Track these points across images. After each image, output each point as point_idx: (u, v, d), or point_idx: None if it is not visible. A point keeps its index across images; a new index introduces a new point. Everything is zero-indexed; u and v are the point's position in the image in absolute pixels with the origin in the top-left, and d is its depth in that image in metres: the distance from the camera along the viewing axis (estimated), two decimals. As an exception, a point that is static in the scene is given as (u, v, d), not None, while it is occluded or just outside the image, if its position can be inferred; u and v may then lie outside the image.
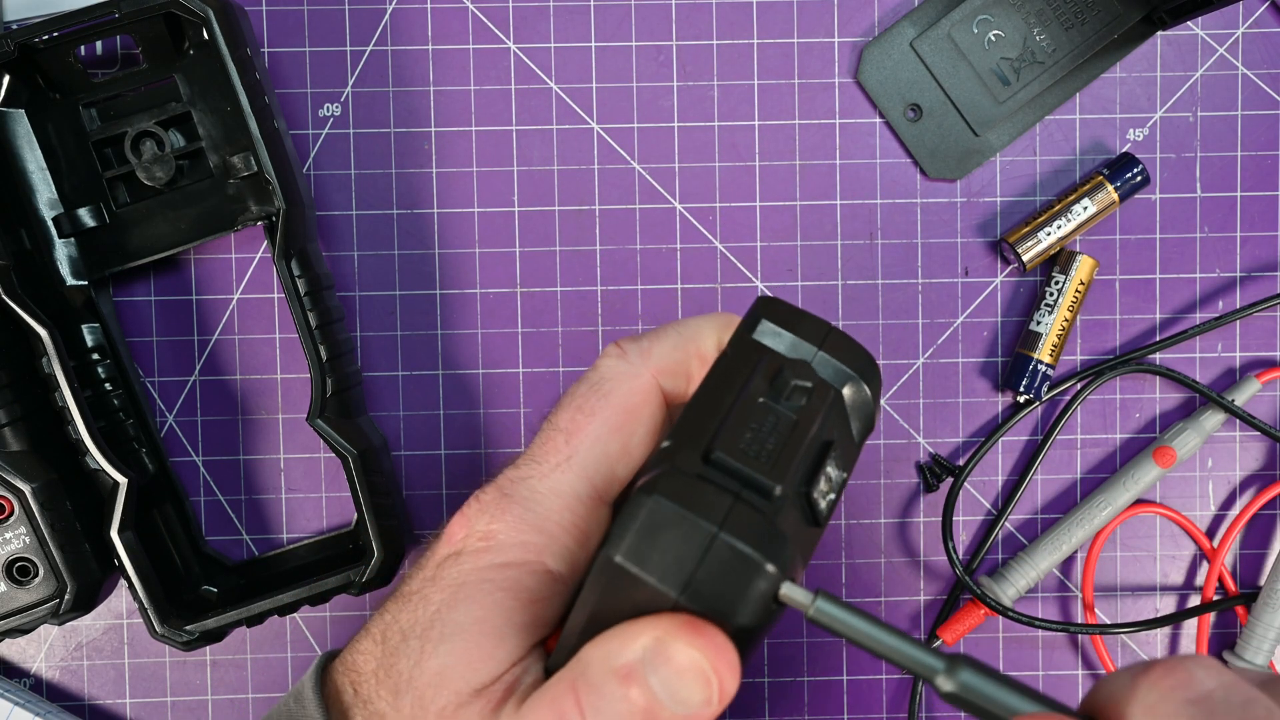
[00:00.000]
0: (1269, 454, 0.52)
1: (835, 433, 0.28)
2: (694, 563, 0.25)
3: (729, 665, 0.25)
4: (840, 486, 0.28)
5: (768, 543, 0.25)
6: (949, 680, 0.24)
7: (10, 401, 0.44)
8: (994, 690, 0.24)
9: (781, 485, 0.26)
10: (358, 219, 0.50)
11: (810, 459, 0.27)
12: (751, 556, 0.24)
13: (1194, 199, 0.51)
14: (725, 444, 0.26)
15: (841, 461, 0.28)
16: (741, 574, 0.25)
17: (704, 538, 0.25)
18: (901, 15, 0.50)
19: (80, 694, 0.50)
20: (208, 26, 0.44)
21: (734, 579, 0.25)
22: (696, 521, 0.25)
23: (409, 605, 0.32)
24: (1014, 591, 0.50)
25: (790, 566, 0.25)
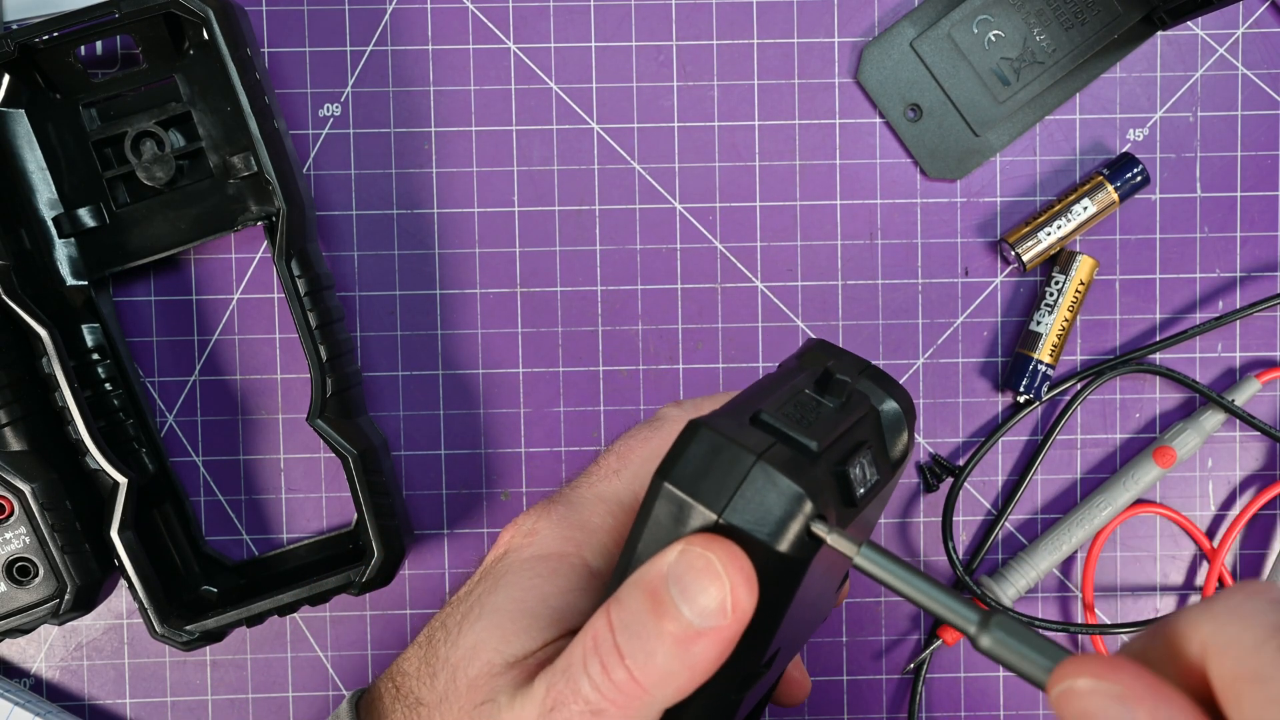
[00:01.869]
0: (1269, 454, 0.52)
1: (871, 438, 0.29)
2: (734, 487, 0.26)
3: (742, 572, 0.26)
4: (873, 486, 0.29)
5: (802, 475, 0.26)
6: (984, 635, 0.25)
7: (10, 401, 0.44)
8: (1026, 647, 0.24)
9: (817, 444, 0.27)
10: (358, 219, 0.50)
11: (847, 443, 0.28)
12: (787, 483, 0.26)
13: (1194, 199, 0.51)
14: (770, 410, 0.28)
15: (877, 465, 0.29)
16: (776, 500, 0.26)
17: (745, 464, 0.26)
18: (901, 15, 0.50)
19: (80, 694, 0.50)
20: (208, 26, 0.44)
21: (769, 504, 0.26)
22: (739, 450, 0.26)
23: (453, 604, 0.33)
24: (1014, 591, 0.50)
25: (824, 506, 0.26)
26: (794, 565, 0.26)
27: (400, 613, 0.51)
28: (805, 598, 0.29)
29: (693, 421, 0.27)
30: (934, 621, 0.51)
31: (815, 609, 0.32)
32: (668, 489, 0.27)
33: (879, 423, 0.30)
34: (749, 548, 0.26)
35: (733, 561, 0.26)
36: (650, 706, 0.27)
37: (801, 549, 0.26)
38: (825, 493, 0.27)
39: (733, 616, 0.26)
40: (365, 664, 0.51)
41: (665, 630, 0.27)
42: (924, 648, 0.51)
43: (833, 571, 0.31)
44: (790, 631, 0.30)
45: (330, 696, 0.51)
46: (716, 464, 0.27)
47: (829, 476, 0.27)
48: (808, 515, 0.26)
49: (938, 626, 0.51)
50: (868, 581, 0.51)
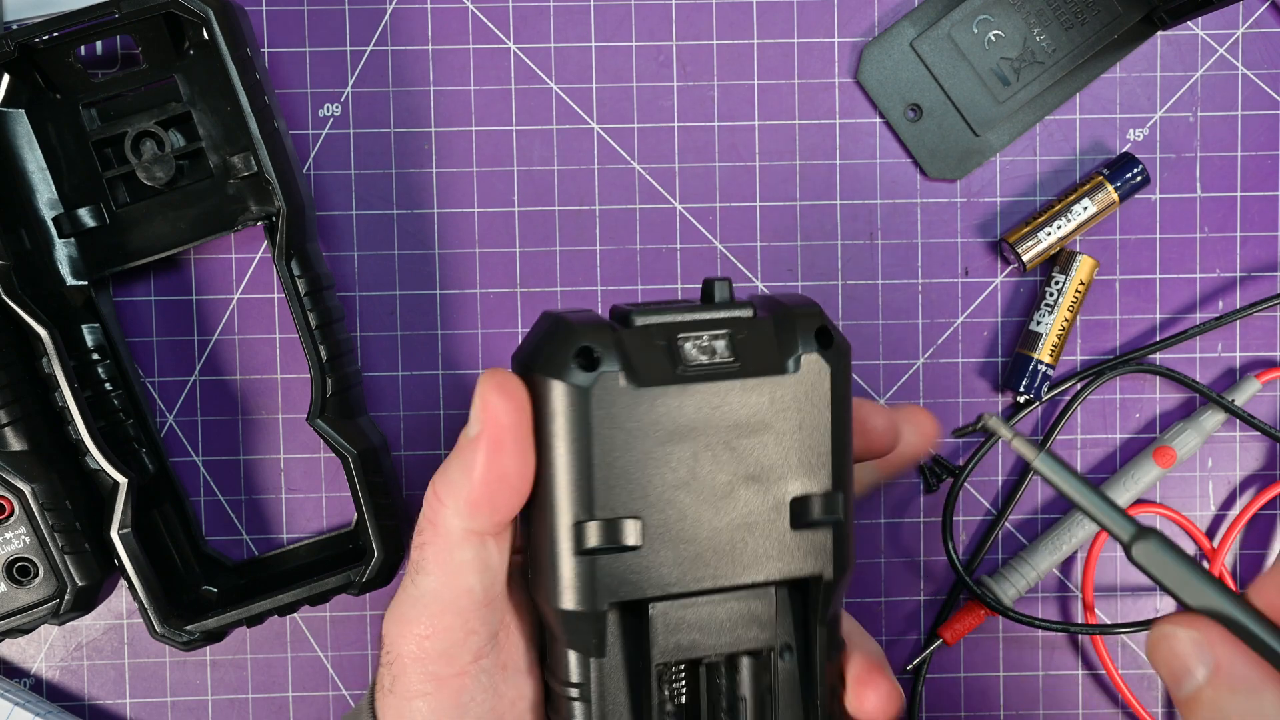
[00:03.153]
0: (1269, 454, 0.52)
1: (739, 331, 0.31)
2: (538, 341, 0.31)
3: (495, 385, 0.30)
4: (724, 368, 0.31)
5: (590, 327, 0.30)
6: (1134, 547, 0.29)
7: (10, 401, 0.44)
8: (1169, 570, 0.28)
9: (640, 318, 0.31)
10: (358, 219, 0.50)
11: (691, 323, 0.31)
12: (570, 327, 0.30)
13: (1194, 199, 0.51)
14: (632, 303, 0.32)
15: (737, 352, 0.31)
16: (556, 337, 0.31)
17: (552, 324, 0.31)
18: (901, 15, 0.50)
19: (80, 694, 0.50)
20: (208, 26, 0.44)
21: (552, 343, 0.31)
22: (557, 320, 0.31)
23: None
24: (1014, 591, 0.50)
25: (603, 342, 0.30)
26: (572, 392, 0.30)
27: (400, 613, 0.51)
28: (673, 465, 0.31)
29: (544, 310, 0.33)
30: (934, 621, 0.51)
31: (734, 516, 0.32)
32: (517, 355, 0.32)
33: (767, 326, 0.32)
34: (538, 383, 0.30)
35: (487, 378, 0.30)
36: (449, 521, 0.31)
37: (573, 375, 0.30)
38: (630, 348, 0.30)
39: (484, 422, 0.30)
40: (365, 664, 0.51)
41: (455, 449, 0.31)
42: (924, 648, 0.51)
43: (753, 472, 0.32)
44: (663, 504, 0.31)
45: (330, 696, 0.51)
46: (539, 329, 0.32)
47: (647, 339, 0.31)
48: (578, 344, 0.30)
49: (938, 626, 0.51)
50: (865, 581, 0.52)
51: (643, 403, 0.30)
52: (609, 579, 0.31)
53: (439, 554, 0.32)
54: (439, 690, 0.33)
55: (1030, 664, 0.52)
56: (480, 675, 0.33)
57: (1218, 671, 0.26)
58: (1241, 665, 0.26)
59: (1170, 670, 0.27)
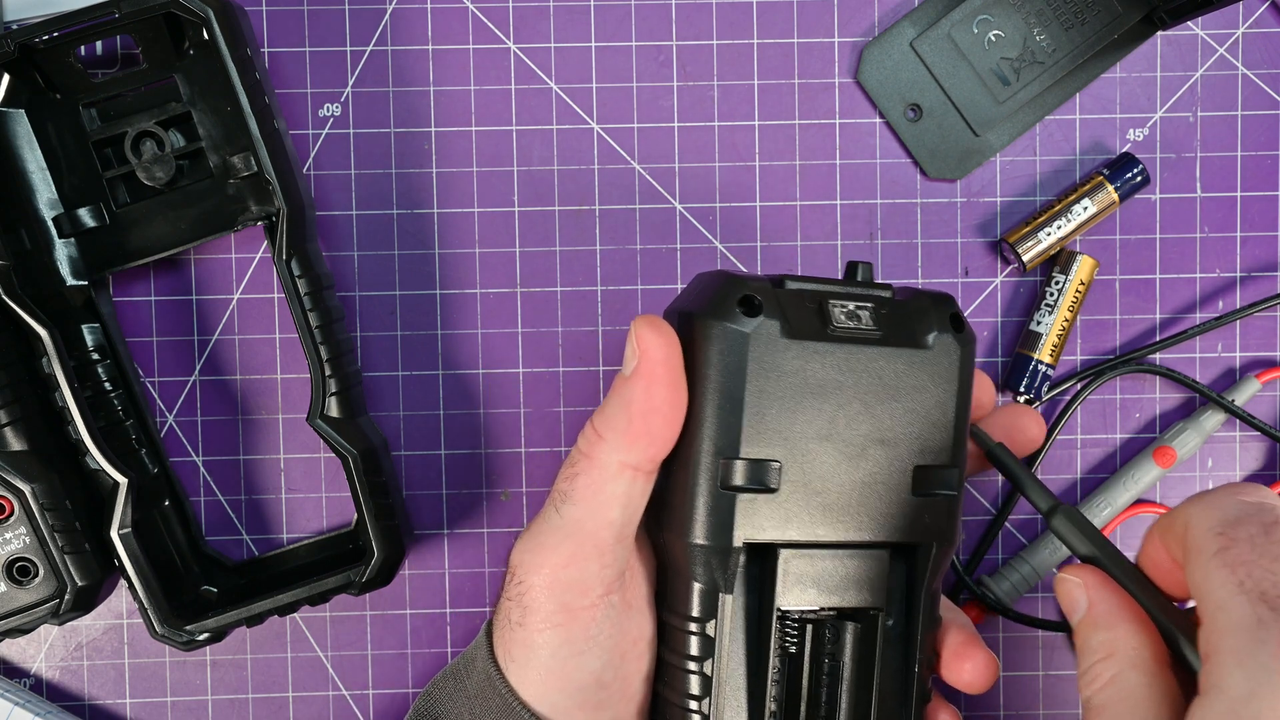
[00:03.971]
0: (1269, 454, 0.52)
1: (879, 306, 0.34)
2: (703, 295, 0.34)
3: (648, 323, 0.33)
4: (869, 334, 0.34)
5: (752, 282, 0.33)
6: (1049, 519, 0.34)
7: (10, 401, 0.44)
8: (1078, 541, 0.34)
9: (794, 283, 0.34)
10: (358, 219, 0.50)
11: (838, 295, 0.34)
12: (733, 279, 0.33)
13: (1194, 199, 0.51)
14: (790, 275, 0.34)
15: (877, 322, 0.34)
16: (719, 287, 0.33)
17: (716, 281, 0.34)
18: (901, 15, 0.50)
19: (80, 694, 0.50)
20: (208, 26, 0.44)
21: (713, 291, 0.34)
22: (714, 274, 0.34)
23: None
24: (1014, 591, 0.50)
25: (762, 293, 0.33)
26: (732, 335, 0.32)
27: (400, 613, 0.51)
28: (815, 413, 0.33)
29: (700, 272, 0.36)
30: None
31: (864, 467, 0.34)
32: (668, 310, 0.35)
33: (904, 306, 0.35)
34: (698, 324, 0.33)
35: (643, 319, 0.33)
36: (606, 454, 0.33)
37: (733, 318, 0.32)
38: (785, 304, 0.33)
39: (641, 357, 0.32)
40: (365, 664, 0.51)
41: (613, 389, 0.34)
42: (924, 648, 0.51)
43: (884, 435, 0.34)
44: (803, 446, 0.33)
45: (330, 696, 0.51)
46: (697, 285, 0.34)
47: (801, 300, 0.33)
48: (740, 292, 0.32)
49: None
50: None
51: (794, 353, 0.33)
52: (746, 517, 0.33)
53: (590, 484, 0.33)
54: (570, 622, 0.34)
55: (1030, 664, 0.52)
56: (609, 609, 0.34)
57: (1090, 609, 0.32)
58: (1105, 605, 0.31)
59: (1064, 606, 0.33)
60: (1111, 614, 0.31)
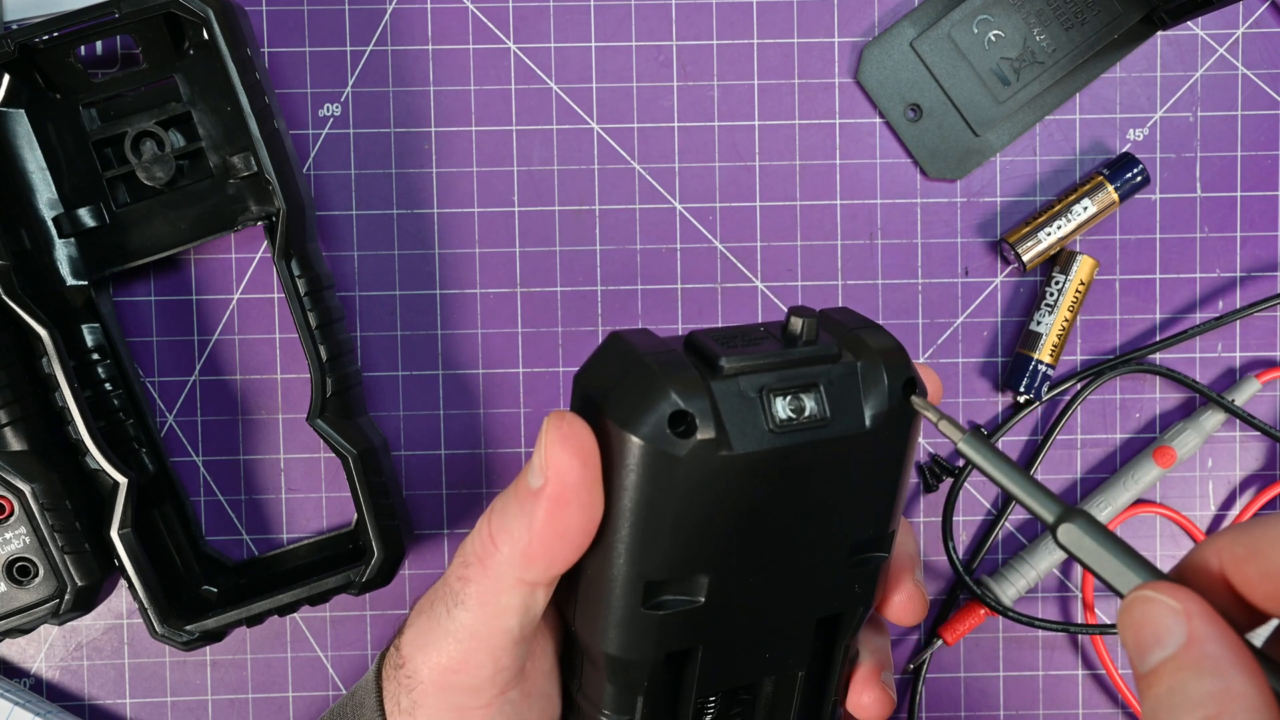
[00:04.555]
0: (1269, 454, 0.52)
1: (827, 380, 0.29)
2: (616, 380, 0.29)
3: (563, 437, 0.28)
4: (814, 425, 0.29)
5: (681, 378, 0.28)
6: (1058, 530, 0.27)
7: (10, 401, 0.44)
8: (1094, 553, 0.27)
9: (727, 361, 0.28)
10: (358, 219, 0.50)
11: (781, 374, 0.29)
12: (659, 380, 0.27)
13: (1194, 199, 0.51)
14: (706, 332, 0.30)
15: (826, 407, 0.29)
16: (645, 393, 0.28)
17: (631, 361, 0.28)
18: (901, 15, 0.50)
19: (80, 694, 0.50)
20: (208, 26, 0.44)
21: (640, 396, 0.28)
22: (632, 349, 0.29)
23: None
24: (1014, 591, 0.50)
25: (697, 407, 0.27)
26: (662, 459, 0.27)
27: (400, 613, 0.51)
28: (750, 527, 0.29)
29: (613, 330, 0.30)
30: (934, 621, 0.51)
31: (799, 569, 0.31)
32: (574, 384, 0.30)
33: (852, 373, 0.29)
34: (616, 436, 0.28)
35: (555, 425, 0.28)
36: (501, 566, 0.30)
37: (665, 442, 0.27)
38: (722, 404, 0.28)
39: (551, 477, 0.28)
40: (365, 664, 0.51)
41: (514, 492, 0.30)
42: (924, 647, 0.51)
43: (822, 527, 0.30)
44: (736, 564, 0.30)
45: (330, 696, 0.51)
46: (611, 362, 0.29)
47: (738, 394, 0.28)
48: (671, 407, 0.27)
49: (938, 626, 0.51)
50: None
51: (731, 469, 0.28)
52: (667, 631, 0.30)
53: (483, 593, 0.31)
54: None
55: (1030, 664, 0.52)
56: (505, 706, 0.32)
57: (1190, 645, 0.24)
58: (1215, 644, 0.24)
59: (1139, 637, 0.25)
60: (1223, 656, 0.24)
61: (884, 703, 0.35)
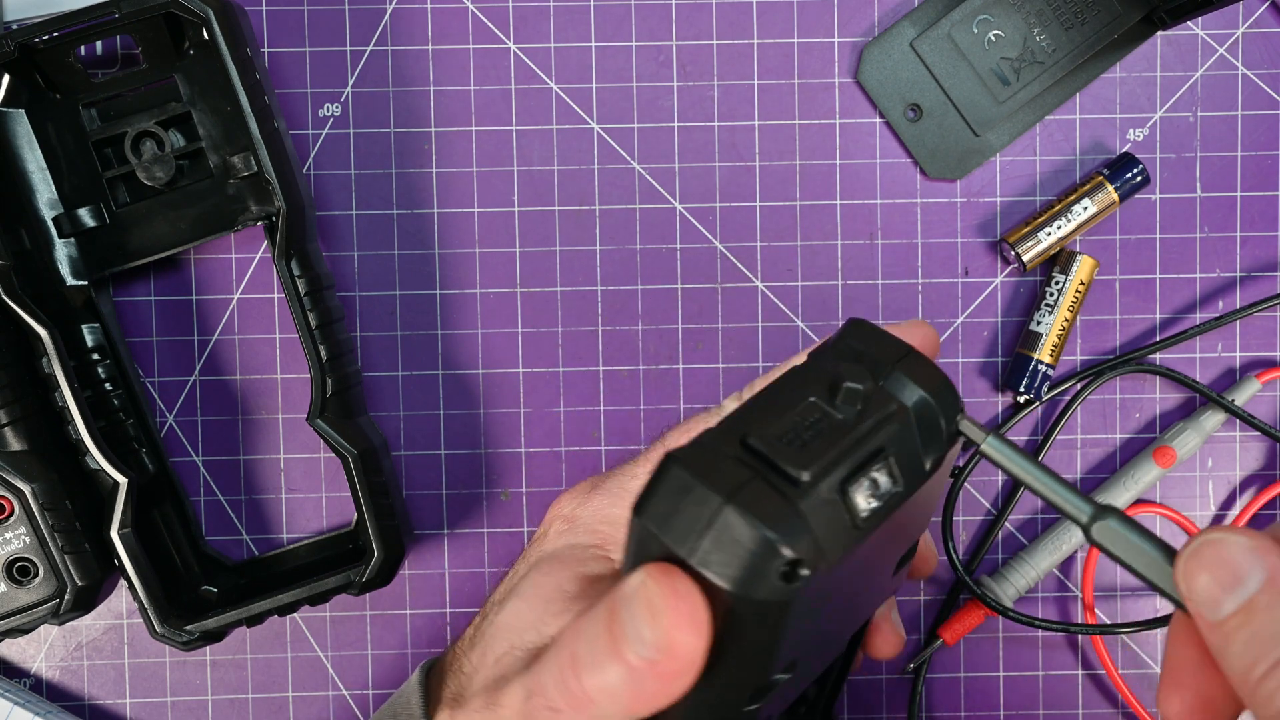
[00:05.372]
0: (1269, 454, 0.52)
1: (893, 445, 0.27)
2: (701, 529, 0.25)
3: (684, 617, 0.25)
4: (892, 499, 0.27)
5: (777, 518, 0.25)
6: (1092, 528, 0.27)
7: (10, 401, 0.44)
8: (1131, 548, 0.26)
9: (808, 473, 0.26)
10: (358, 219, 0.50)
11: (853, 460, 0.27)
12: (757, 529, 0.25)
13: (1194, 199, 0.51)
14: (760, 430, 0.27)
15: (898, 474, 0.27)
16: (745, 546, 0.25)
17: (712, 507, 0.25)
18: (901, 15, 0.50)
19: (80, 694, 0.50)
20: (208, 27, 0.44)
21: (738, 549, 0.25)
22: (707, 492, 0.26)
23: (505, 579, 0.37)
24: (1014, 591, 0.50)
25: (804, 548, 0.25)
26: (772, 608, 0.26)
27: (400, 613, 0.51)
28: (833, 606, 0.29)
29: (668, 454, 0.27)
30: (934, 621, 0.51)
31: (856, 600, 0.32)
32: (639, 521, 0.26)
33: (908, 424, 0.28)
34: (722, 593, 0.26)
35: (673, 603, 0.25)
36: (599, 717, 0.28)
37: (775, 593, 0.25)
38: (814, 526, 0.26)
39: (669, 656, 0.26)
40: (365, 664, 0.51)
41: (613, 651, 0.27)
42: (924, 647, 0.51)
43: (883, 557, 0.31)
44: (815, 636, 0.30)
45: (330, 696, 0.51)
46: (686, 503, 0.26)
47: (823, 504, 0.26)
48: (776, 556, 0.25)
49: (938, 626, 0.51)
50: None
51: (828, 580, 0.27)
52: (762, 711, 0.30)
53: None
54: None
55: (1030, 664, 0.52)
56: None
57: (1275, 579, 0.23)
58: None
59: (1216, 583, 0.24)
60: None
61: (895, 642, 0.37)
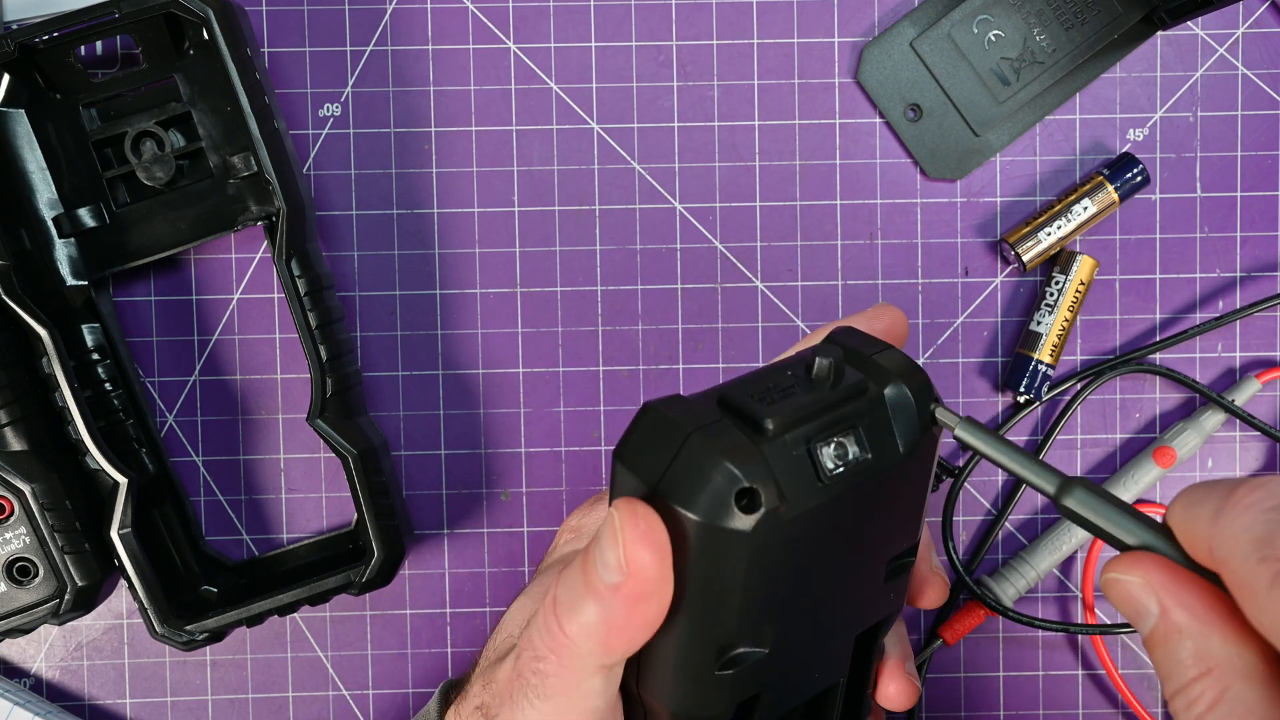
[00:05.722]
0: (1269, 454, 0.52)
1: (863, 418, 0.29)
2: (667, 461, 0.28)
3: (638, 531, 0.27)
4: (861, 467, 0.29)
5: (736, 448, 0.27)
6: (1062, 498, 0.27)
7: (10, 401, 0.44)
8: (1099, 514, 0.27)
9: (773, 422, 0.28)
10: (358, 219, 0.50)
11: (821, 421, 0.28)
12: (716, 457, 0.27)
13: (1194, 199, 0.51)
14: (736, 389, 0.29)
15: (866, 445, 0.29)
16: (704, 472, 0.27)
17: (678, 439, 0.28)
18: (901, 15, 0.50)
19: (80, 694, 0.50)
20: (208, 26, 0.44)
21: (699, 476, 0.27)
22: (676, 426, 0.28)
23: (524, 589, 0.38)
24: (1014, 591, 0.50)
25: (762, 481, 0.27)
26: (730, 536, 0.27)
27: (400, 613, 0.51)
28: (808, 575, 0.29)
29: (646, 403, 0.29)
30: (934, 621, 0.51)
31: (846, 594, 0.32)
32: (616, 464, 0.29)
33: (881, 405, 0.30)
34: (682, 519, 0.27)
35: (631, 522, 0.27)
36: (580, 658, 0.30)
37: (734, 521, 0.27)
38: (776, 468, 0.27)
39: (630, 575, 0.28)
40: (365, 664, 0.51)
41: (586, 584, 0.29)
42: (924, 647, 0.51)
43: (865, 543, 0.31)
44: (794, 614, 0.30)
45: (330, 696, 0.51)
46: (656, 440, 0.28)
47: (787, 453, 0.28)
48: (733, 483, 0.27)
49: (938, 626, 0.51)
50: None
51: (792, 530, 0.28)
52: (737, 685, 0.30)
53: (565, 684, 0.31)
54: None
55: (1030, 664, 0.52)
56: None
57: (1163, 616, 0.25)
58: (1184, 611, 0.25)
59: (1126, 614, 0.26)
60: (1196, 616, 0.25)
61: (910, 692, 0.37)
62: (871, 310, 0.36)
